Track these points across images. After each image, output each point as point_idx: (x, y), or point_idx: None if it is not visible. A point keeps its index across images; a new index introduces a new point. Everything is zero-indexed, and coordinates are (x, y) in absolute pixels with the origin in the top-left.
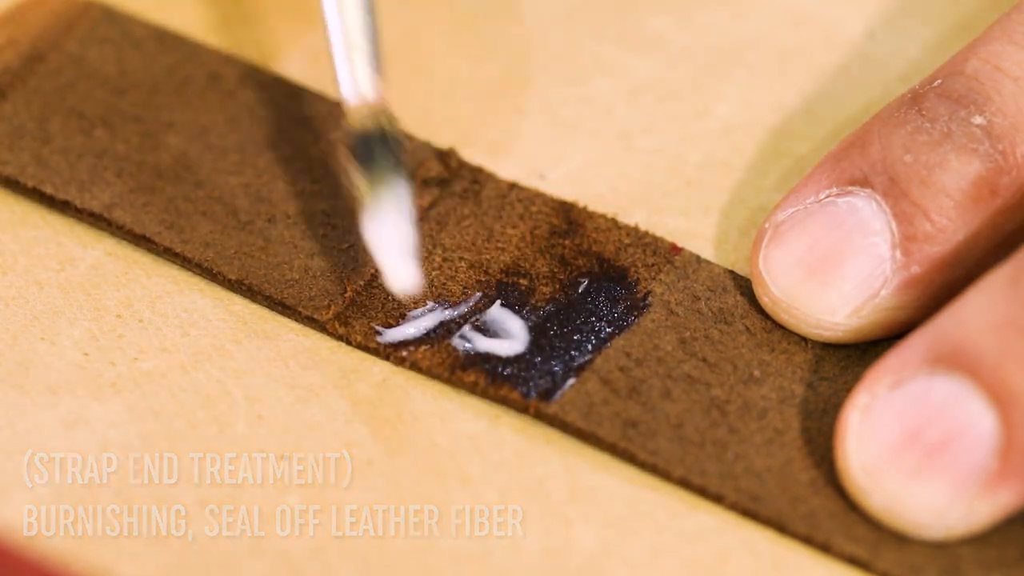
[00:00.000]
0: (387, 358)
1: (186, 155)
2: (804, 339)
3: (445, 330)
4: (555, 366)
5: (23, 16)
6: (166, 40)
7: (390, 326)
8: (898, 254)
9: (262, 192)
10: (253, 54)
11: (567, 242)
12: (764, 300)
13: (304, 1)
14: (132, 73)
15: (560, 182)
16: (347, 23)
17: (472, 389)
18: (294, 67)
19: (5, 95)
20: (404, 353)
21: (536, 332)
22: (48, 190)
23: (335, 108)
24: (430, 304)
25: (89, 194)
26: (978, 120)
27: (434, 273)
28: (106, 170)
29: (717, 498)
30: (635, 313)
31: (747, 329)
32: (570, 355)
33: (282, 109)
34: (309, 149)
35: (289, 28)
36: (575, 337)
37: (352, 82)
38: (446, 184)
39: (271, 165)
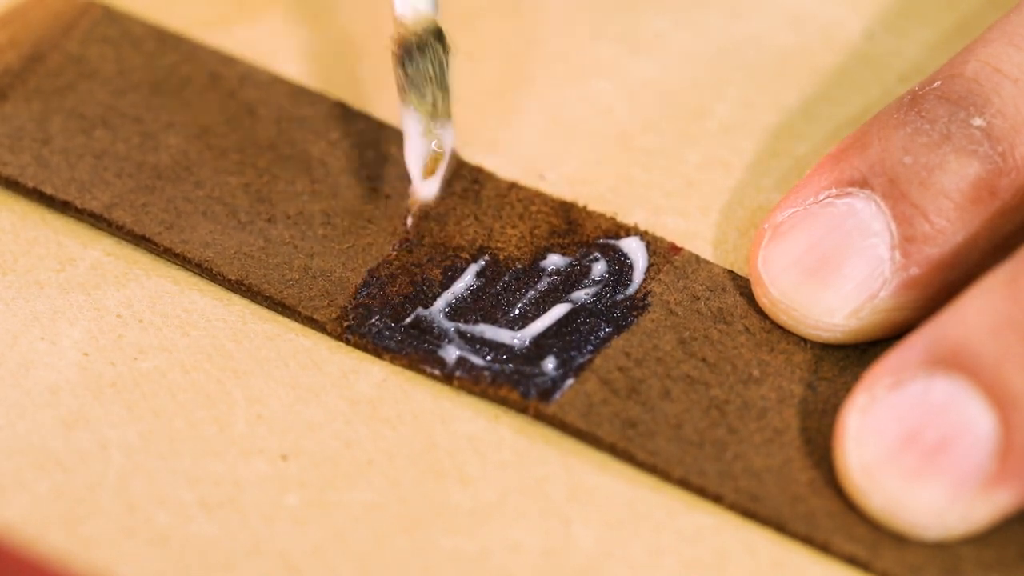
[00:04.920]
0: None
1: (186, 155)
2: (803, 339)
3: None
4: (554, 366)
5: (23, 16)
6: (166, 40)
7: (397, 322)
8: (897, 255)
9: (262, 192)
10: (253, 54)
11: (567, 242)
12: (763, 301)
13: (304, 1)
14: (132, 73)
15: (560, 182)
16: None
17: (472, 389)
18: (294, 67)
19: (5, 95)
20: (404, 354)
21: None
22: (48, 190)
23: (335, 108)
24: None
25: (89, 194)
26: (978, 122)
27: (436, 272)
28: (106, 170)
29: (716, 498)
30: (635, 313)
31: (746, 329)
32: (569, 355)
33: (282, 109)
34: (309, 149)
35: (289, 28)
36: (574, 337)
37: None
38: (446, 184)
39: (271, 165)
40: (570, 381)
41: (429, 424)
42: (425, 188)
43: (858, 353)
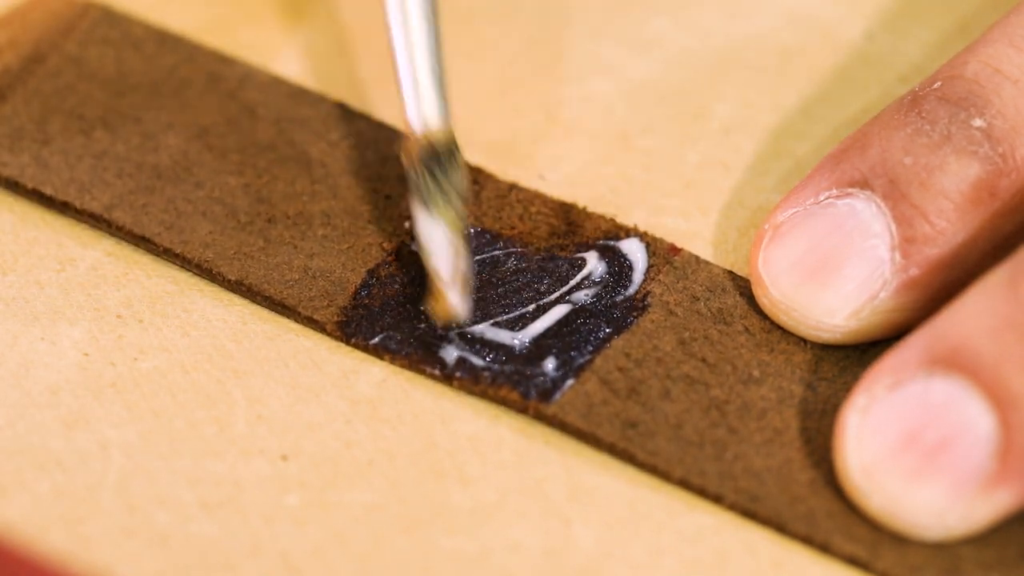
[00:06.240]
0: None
1: (186, 156)
2: (803, 340)
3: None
4: (554, 367)
5: (23, 17)
6: (166, 41)
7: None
8: (897, 256)
9: (262, 193)
10: (252, 55)
11: (566, 243)
12: (763, 301)
13: (303, 1)
14: (132, 74)
15: (559, 182)
16: (415, 48)
17: (472, 390)
18: (293, 68)
19: (5, 96)
20: (404, 355)
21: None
22: (48, 191)
23: (335, 109)
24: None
25: (89, 195)
26: (978, 123)
27: None
28: (106, 171)
29: (716, 498)
30: (634, 314)
31: (746, 329)
32: (569, 356)
33: (282, 110)
34: (309, 150)
35: (288, 28)
36: (574, 338)
37: (419, 108)
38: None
39: (271, 166)
40: (570, 381)
41: (429, 424)
42: (461, 306)
43: (858, 353)
